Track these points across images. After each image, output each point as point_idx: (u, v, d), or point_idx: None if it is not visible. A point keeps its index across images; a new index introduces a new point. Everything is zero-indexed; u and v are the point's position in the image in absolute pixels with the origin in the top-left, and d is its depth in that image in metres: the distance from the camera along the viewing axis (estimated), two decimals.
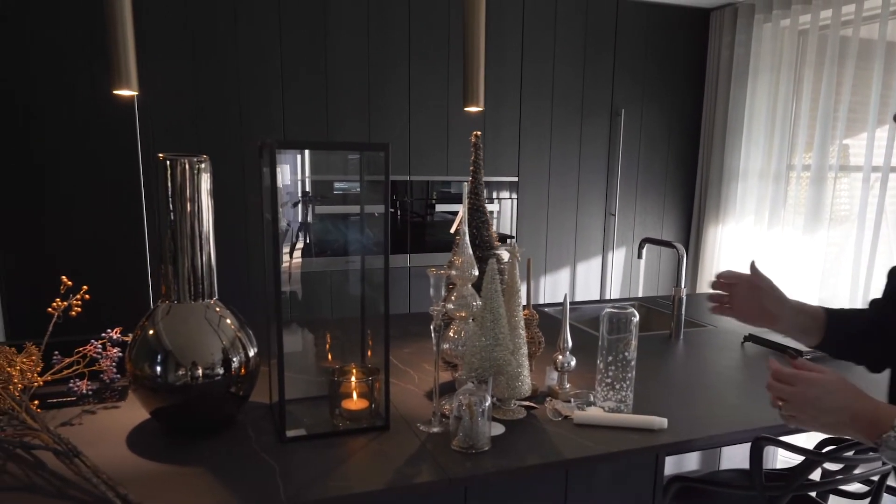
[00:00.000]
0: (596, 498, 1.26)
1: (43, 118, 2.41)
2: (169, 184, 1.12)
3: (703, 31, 3.46)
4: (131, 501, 0.93)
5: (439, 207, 3.06)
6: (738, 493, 1.44)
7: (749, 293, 1.15)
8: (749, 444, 1.20)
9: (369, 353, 1.40)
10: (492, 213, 3.15)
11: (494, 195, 3.16)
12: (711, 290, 1.24)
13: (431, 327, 1.23)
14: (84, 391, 1.30)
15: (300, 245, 2.82)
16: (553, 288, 3.36)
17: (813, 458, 1.15)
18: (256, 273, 2.69)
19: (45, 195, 2.45)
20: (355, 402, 1.25)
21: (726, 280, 1.19)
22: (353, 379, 1.25)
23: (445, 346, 1.29)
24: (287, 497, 0.98)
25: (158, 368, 1.13)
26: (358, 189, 2.99)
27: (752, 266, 1.17)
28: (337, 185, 2.92)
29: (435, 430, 1.23)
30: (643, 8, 3.29)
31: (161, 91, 2.52)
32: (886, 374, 1.07)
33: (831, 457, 1.17)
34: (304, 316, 2.90)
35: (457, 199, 3.10)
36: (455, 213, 3.12)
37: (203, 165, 1.14)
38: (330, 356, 1.49)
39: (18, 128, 2.39)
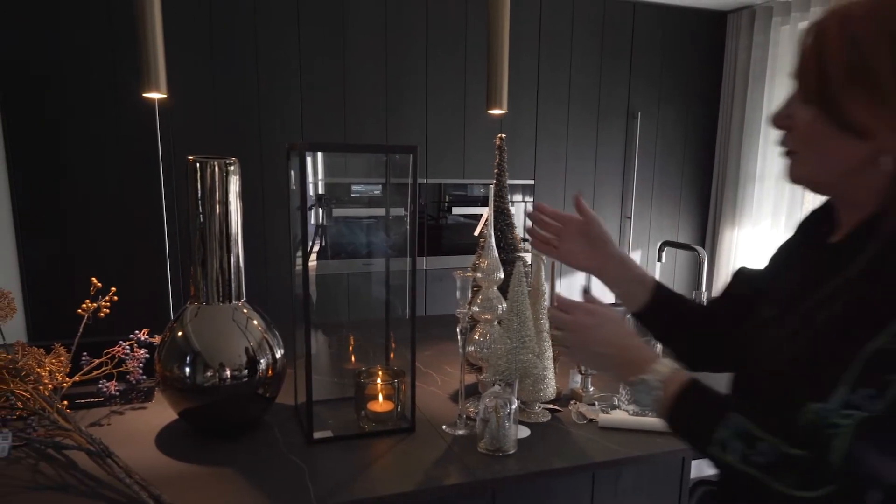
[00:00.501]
0: (622, 501, 1.26)
1: (68, 120, 2.43)
2: (199, 186, 1.13)
3: (720, 34, 3.45)
4: (165, 502, 0.94)
5: (456, 210, 3.07)
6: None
7: (577, 237, 1.04)
8: None
9: (391, 355, 1.40)
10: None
11: (510, 198, 3.16)
12: (531, 223, 1.09)
13: (457, 329, 1.23)
14: (112, 392, 1.31)
15: (316, 248, 2.83)
16: (568, 291, 3.35)
17: None
18: (274, 275, 2.70)
19: (67, 197, 2.48)
20: (381, 404, 1.25)
21: (551, 218, 1.06)
22: (378, 381, 1.26)
23: (470, 348, 1.29)
24: (317, 499, 0.99)
25: (187, 370, 1.14)
26: (375, 192, 3.02)
27: (579, 202, 1.04)
28: (354, 187, 2.94)
29: (460, 432, 1.23)
30: (659, 10, 3.28)
31: (181, 94, 2.54)
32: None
33: None
34: (321, 319, 2.92)
35: (473, 202, 3.11)
36: (472, 216, 3.12)
37: (232, 168, 1.15)
38: (353, 358, 1.49)
39: (44, 130, 2.41)
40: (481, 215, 3.13)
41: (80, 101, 2.44)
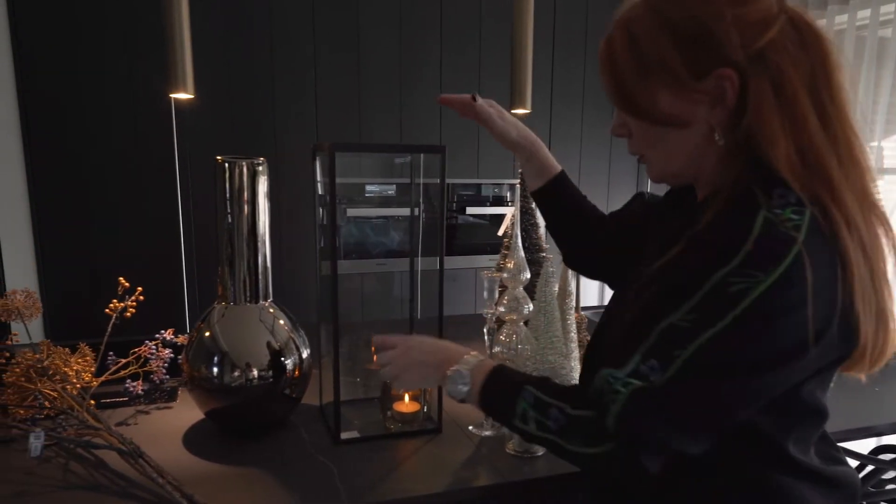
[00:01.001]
0: None
1: (85, 119, 2.44)
2: (227, 186, 1.13)
3: None
4: (198, 502, 0.94)
5: (469, 210, 3.06)
6: None
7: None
8: None
9: None
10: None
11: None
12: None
13: (484, 330, 1.22)
14: (138, 392, 1.31)
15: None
16: (583, 292, 3.34)
17: (877, 464, 1.13)
18: (290, 274, 2.70)
19: (83, 197, 2.48)
20: (407, 405, 1.25)
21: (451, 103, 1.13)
22: None
23: (496, 349, 1.28)
24: (349, 499, 0.98)
25: (214, 370, 1.14)
26: (389, 192, 3.02)
27: (475, 101, 1.10)
28: (368, 187, 2.93)
29: (487, 433, 1.22)
30: None
31: (196, 94, 2.54)
32: None
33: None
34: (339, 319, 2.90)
35: (486, 202, 3.10)
36: (485, 216, 3.12)
37: (261, 168, 1.15)
38: (376, 358, 1.48)
39: (61, 129, 2.42)
40: (496, 216, 3.13)
41: (98, 101, 2.44)
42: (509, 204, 3.13)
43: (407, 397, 1.25)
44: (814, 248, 0.63)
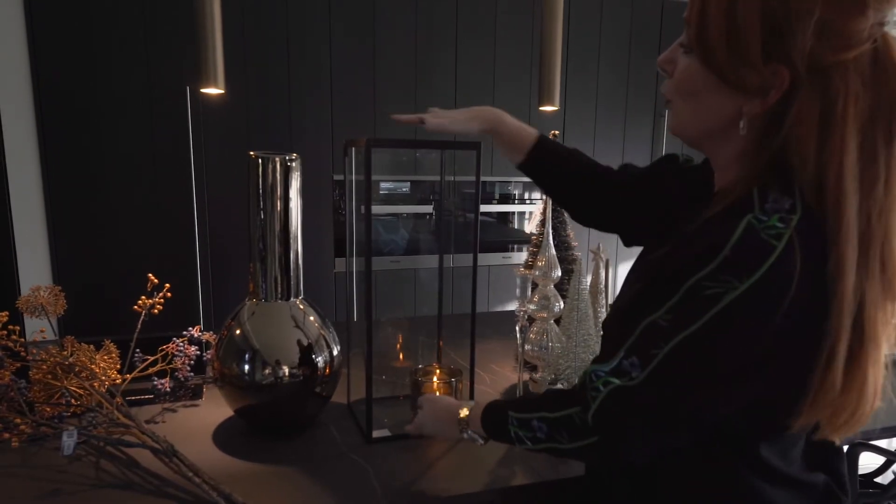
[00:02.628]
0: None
1: (99, 116, 2.43)
2: (260, 182, 1.12)
3: None
4: (236, 501, 0.92)
5: (484, 207, 3.05)
6: None
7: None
8: None
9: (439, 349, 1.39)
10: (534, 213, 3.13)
11: (537, 195, 3.14)
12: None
13: (517, 328, 1.21)
14: (166, 389, 1.30)
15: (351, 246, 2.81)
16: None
17: None
18: (310, 271, 2.69)
19: (98, 194, 2.47)
20: None
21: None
22: (435, 380, 1.24)
23: (527, 347, 1.27)
24: (385, 499, 0.97)
25: (246, 367, 1.13)
26: (403, 189, 3.00)
27: (422, 124, 1.10)
28: (382, 185, 2.92)
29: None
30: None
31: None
32: None
33: None
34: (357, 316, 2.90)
35: (491, 200, 3.09)
36: (497, 214, 3.11)
37: (293, 164, 1.14)
38: (402, 356, 1.48)
39: (75, 124, 2.41)
40: (503, 213, 3.12)
41: (113, 97, 2.43)
42: (516, 202, 3.12)
43: (438, 394, 1.24)
44: (797, 265, 0.61)
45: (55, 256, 2.44)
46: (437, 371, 1.25)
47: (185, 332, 1.32)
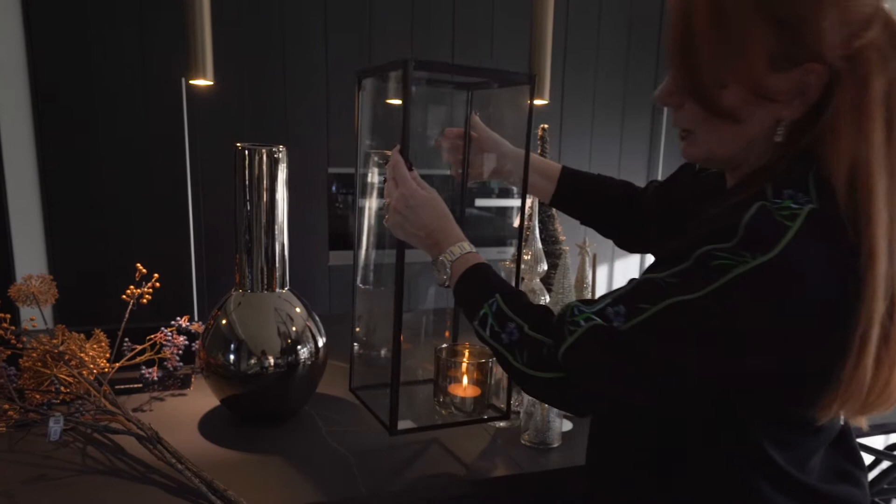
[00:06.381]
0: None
1: (95, 106, 2.43)
2: (246, 173, 1.13)
3: None
4: (217, 489, 0.94)
5: (478, 202, 3.06)
6: None
7: (476, 153, 1.13)
8: None
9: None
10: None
11: None
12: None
13: None
14: (154, 378, 1.31)
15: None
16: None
17: (894, 460, 1.13)
18: (298, 262, 2.70)
19: (94, 185, 2.48)
20: (465, 389, 1.10)
21: (456, 138, 1.13)
22: (465, 362, 1.11)
23: None
24: (366, 488, 0.99)
25: (231, 357, 1.14)
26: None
27: (473, 120, 1.12)
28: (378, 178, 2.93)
29: (502, 424, 1.22)
30: None
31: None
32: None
33: None
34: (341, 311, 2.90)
35: (490, 194, 3.09)
36: (491, 209, 3.11)
37: (280, 155, 1.15)
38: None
39: (70, 114, 2.42)
40: (501, 208, 3.12)
41: (107, 87, 2.44)
42: (516, 196, 3.13)
43: (465, 380, 1.12)
44: (818, 250, 0.60)
45: (51, 246, 2.45)
46: (467, 350, 1.15)
47: (172, 322, 1.33)
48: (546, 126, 1.37)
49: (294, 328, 1.18)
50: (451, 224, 0.91)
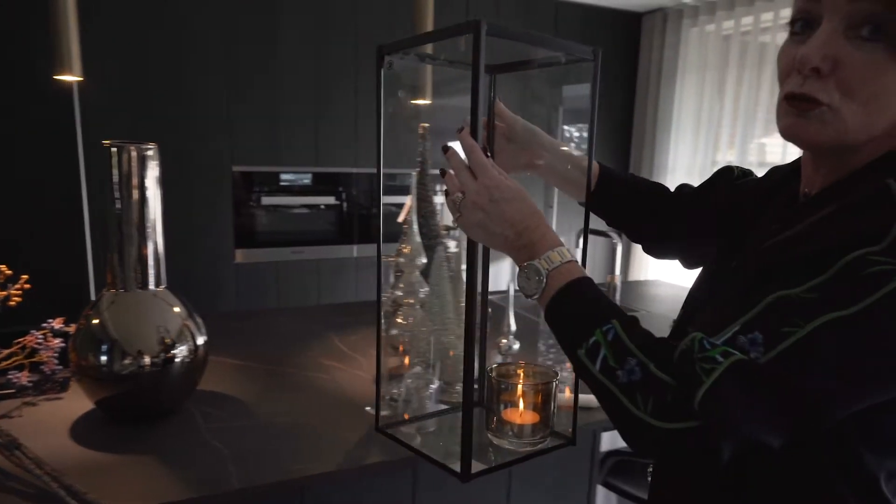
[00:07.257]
0: (533, 473, 1.33)
1: None
2: (115, 171, 1.11)
3: (636, 34, 3.62)
4: (77, 492, 0.93)
5: (385, 199, 3.09)
6: None
7: (503, 144, 0.98)
8: None
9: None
10: (441, 205, 3.21)
11: (439, 188, 3.21)
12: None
13: (381, 313, 1.26)
14: (24, 383, 1.27)
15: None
16: (494, 277, 3.44)
17: None
18: (195, 261, 2.64)
19: None
20: (522, 415, 0.92)
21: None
22: (520, 385, 0.92)
23: (394, 331, 1.33)
24: (240, 482, 1.00)
25: (103, 358, 1.12)
26: (305, 181, 2.99)
27: (498, 107, 0.98)
28: (283, 176, 2.92)
29: (384, 413, 1.26)
30: (581, 9, 3.41)
31: (104, 77, 2.42)
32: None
33: None
34: (244, 308, 2.88)
35: (402, 191, 3.14)
36: (400, 205, 3.15)
37: (150, 153, 1.14)
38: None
39: None
40: (404, 204, 3.18)
41: None
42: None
43: (521, 403, 0.92)
44: None
45: None
46: (521, 371, 0.96)
47: (44, 325, 1.28)
48: (426, 125, 1.42)
49: (171, 327, 1.17)
50: (546, 224, 0.74)
